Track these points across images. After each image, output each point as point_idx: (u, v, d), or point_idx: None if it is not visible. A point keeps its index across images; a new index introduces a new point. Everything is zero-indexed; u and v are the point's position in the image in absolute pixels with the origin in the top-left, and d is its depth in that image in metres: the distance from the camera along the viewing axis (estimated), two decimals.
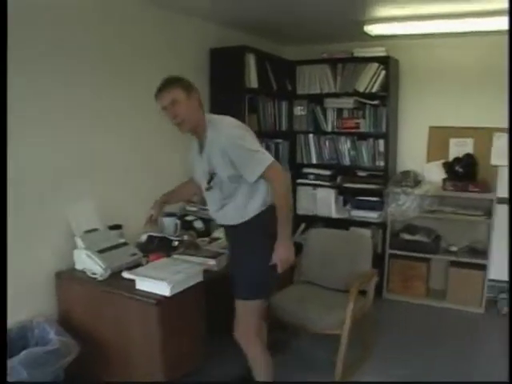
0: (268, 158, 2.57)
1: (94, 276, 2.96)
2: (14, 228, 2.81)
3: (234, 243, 2.88)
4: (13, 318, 2.79)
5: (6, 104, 1.75)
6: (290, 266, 2.74)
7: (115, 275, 2.96)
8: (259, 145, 2.66)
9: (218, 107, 4.03)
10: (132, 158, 3.63)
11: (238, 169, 2.58)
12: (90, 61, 3.23)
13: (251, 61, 4.38)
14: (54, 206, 3.08)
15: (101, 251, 3.06)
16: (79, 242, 3.09)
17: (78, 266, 3.08)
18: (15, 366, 2.41)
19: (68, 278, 3.07)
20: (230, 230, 2.87)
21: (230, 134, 2.56)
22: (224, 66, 4.32)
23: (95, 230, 3.22)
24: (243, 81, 4.27)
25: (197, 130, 2.67)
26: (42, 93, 2.95)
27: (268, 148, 4.69)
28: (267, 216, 2.68)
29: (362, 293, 3.46)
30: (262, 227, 2.70)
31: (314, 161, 5.19)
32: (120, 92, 3.48)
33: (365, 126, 4.89)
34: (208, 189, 2.73)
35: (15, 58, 2.67)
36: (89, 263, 3.01)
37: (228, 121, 2.68)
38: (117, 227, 3.36)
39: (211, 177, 2.67)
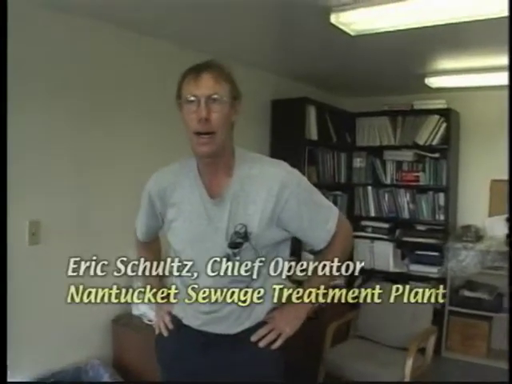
0: (334, 209, 1.83)
1: (150, 323, 2.97)
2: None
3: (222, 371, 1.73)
4: (69, 359, 2.84)
5: (6, 107, 1.81)
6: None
7: None
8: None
9: (278, 158, 4.05)
10: None
11: (292, 229, 1.72)
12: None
13: (312, 112, 4.43)
14: (113, 251, 3.13)
15: None
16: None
17: (135, 312, 3.11)
18: None
19: (124, 323, 3.11)
20: (214, 344, 1.74)
21: (291, 172, 1.73)
22: (285, 117, 4.40)
23: None
24: (303, 132, 4.32)
25: (219, 158, 1.67)
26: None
27: None
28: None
29: (420, 350, 3.36)
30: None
31: (373, 213, 5.12)
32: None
33: (425, 179, 4.83)
34: (229, 258, 1.65)
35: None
36: (145, 310, 3.03)
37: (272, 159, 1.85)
38: None
39: (239, 238, 1.64)
